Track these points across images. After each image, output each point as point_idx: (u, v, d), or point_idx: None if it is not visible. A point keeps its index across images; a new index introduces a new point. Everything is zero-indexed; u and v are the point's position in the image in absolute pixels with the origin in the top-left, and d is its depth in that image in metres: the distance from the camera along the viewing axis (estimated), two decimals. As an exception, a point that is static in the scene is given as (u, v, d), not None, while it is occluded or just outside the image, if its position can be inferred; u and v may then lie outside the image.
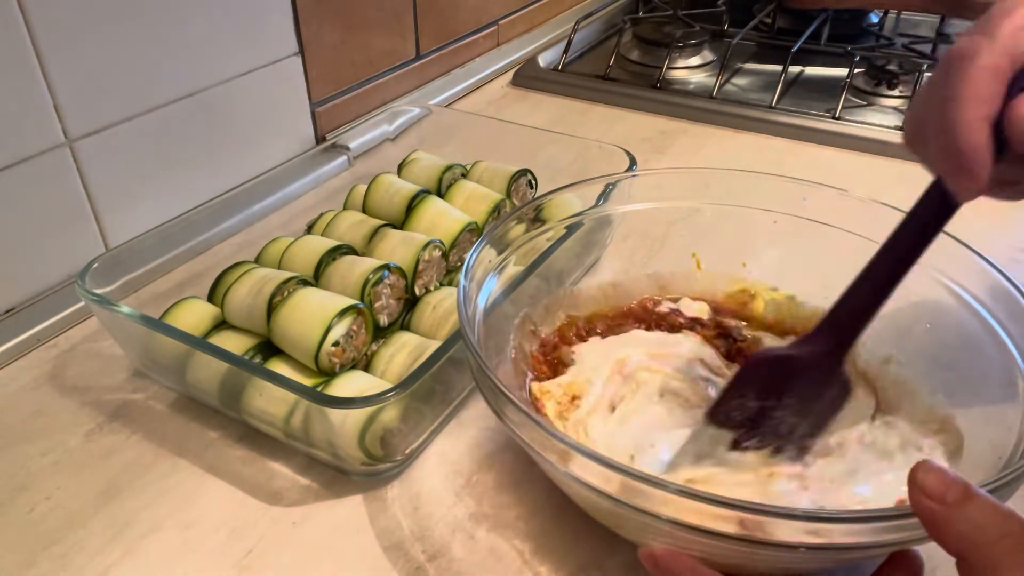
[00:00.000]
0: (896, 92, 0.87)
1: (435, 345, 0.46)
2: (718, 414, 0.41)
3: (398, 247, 0.53)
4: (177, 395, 0.50)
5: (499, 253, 0.47)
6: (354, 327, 0.46)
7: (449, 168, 0.64)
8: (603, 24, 1.11)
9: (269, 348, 0.48)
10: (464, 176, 0.64)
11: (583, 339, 0.49)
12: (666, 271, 0.53)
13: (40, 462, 0.45)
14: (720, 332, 0.49)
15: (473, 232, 0.57)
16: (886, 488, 0.37)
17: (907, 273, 0.36)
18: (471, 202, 0.60)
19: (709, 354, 0.47)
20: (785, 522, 0.30)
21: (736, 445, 0.40)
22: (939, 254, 0.44)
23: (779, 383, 0.39)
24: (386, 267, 0.50)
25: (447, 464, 0.45)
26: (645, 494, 0.31)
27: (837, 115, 0.81)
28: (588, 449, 0.32)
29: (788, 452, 0.39)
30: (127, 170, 0.59)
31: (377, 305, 0.50)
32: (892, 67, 0.88)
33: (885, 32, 1.06)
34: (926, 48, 0.97)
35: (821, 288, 0.49)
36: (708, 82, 0.93)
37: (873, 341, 0.46)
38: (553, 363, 0.47)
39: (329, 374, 0.46)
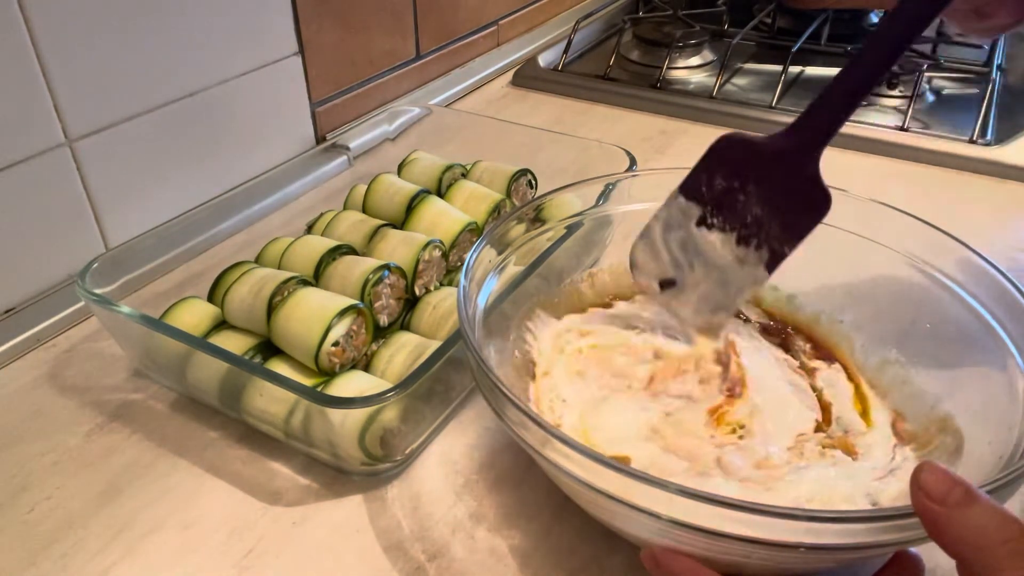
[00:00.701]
0: (896, 92, 0.87)
1: (435, 345, 0.46)
2: (687, 187, 0.41)
3: (398, 247, 0.53)
4: (177, 395, 0.50)
5: (499, 253, 0.47)
6: (354, 327, 0.46)
7: (449, 168, 0.64)
8: (603, 24, 1.11)
9: (269, 348, 0.48)
10: (464, 176, 0.64)
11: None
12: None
13: (40, 462, 0.45)
14: None
15: (473, 232, 0.57)
16: (827, 482, 0.38)
17: (887, 72, 0.35)
18: (471, 202, 0.60)
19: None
20: (784, 522, 0.30)
21: (703, 221, 0.40)
22: (939, 254, 0.44)
23: (746, 167, 0.39)
24: (386, 267, 0.50)
25: (447, 464, 0.45)
26: (646, 493, 0.31)
27: (837, 115, 0.81)
28: (588, 449, 0.32)
29: (756, 252, 0.40)
30: (127, 170, 0.59)
31: (377, 305, 0.50)
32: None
33: (885, 32, 1.06)
34: (926, 48, 0.97)
35: (821, 288, 0.49)
36: (708, 82, 0.93)
37: (873, 341, 0.47)
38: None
39: (329, 374, 0.46)
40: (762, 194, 0.39)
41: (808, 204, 0.38)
